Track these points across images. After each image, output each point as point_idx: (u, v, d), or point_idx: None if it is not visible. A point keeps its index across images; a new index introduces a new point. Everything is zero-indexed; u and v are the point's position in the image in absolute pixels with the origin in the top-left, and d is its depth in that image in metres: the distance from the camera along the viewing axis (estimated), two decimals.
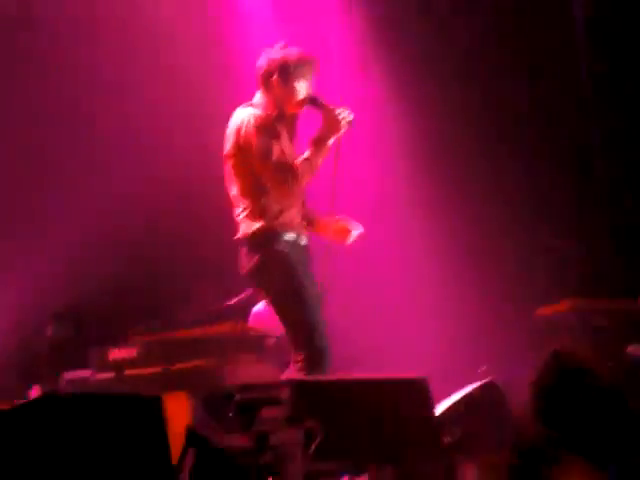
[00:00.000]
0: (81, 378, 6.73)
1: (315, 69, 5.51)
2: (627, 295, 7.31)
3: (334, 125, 5.36)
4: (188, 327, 6.89)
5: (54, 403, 3.68)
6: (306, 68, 5.47)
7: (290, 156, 5.43)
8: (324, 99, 5.46)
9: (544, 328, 7.08)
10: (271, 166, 5.33)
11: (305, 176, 5.37)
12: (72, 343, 7.20)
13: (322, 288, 5.45)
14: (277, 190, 5.36)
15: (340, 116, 5.36)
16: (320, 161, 5.41)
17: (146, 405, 3.87)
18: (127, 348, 6.60)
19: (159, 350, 6.52)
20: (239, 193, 5.43)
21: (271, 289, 5.46)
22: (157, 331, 6.79)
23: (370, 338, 8.09)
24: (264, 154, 5.34)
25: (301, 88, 5.45)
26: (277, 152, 5.35)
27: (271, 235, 5.37)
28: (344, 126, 5.37)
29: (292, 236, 5.42)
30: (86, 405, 3.76)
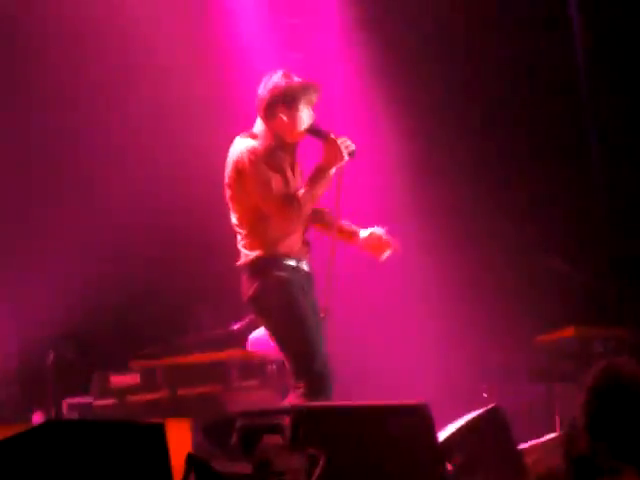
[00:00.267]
0: (83, 404, 6.72)
1: (318, 96, 5.49)
2: (627, 323, 7.34)
3: (336, 155, 5.33)
4: (190, 353, 6.89)
5: (57, 430, 3.67)
6: (310, 95, 5.43)
7: (292, 185, 5.41)
8: (326, 128, 5.43)
9: (546, 354, 7.09)
10: (272, 200, 5.29)
11: (306, 206, 5.34)
12: (74, 369, 7.19)
13: (325, 314, 5.44)
14: (279, 222, 5.34)
15: (342, 146, 5.34)
16: (322, 191, 5.38)
17: (148, 432, 3.86)
18: (129, 374, 6.60)
19: (161, 376, 6.51)
20: (238, 221, 5.43)
21: (270, 316, 5.43)
22: (159, 357, 6.78)
23: (371, 365, 8.09)
24: (264, 189, 5.30)
25: (305, 116, 5.42)
26: (277, 184, 5.32)
27: (270, 262, 5.35)
28: (346, 156, 5.35)
29: (292, 263, 5.41)
30: (89, 432, 3.75)
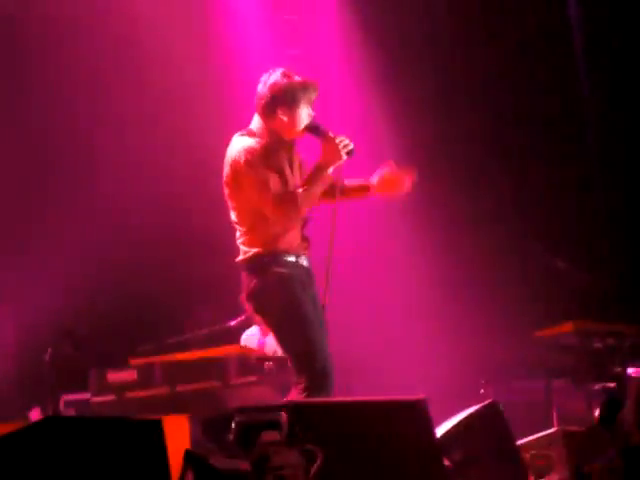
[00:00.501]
0: (81, 400, 6.72)
1: (317, 94, 5.45)
2: (626, 319, 7.35)
3: (334, 154, 5.30)
4: (188, 350, 6.89)
5: (55, 426, 3.67)
6: (309, 94, 5.39)
7: (290, 182, 5.39)
8: (324, 127, 5.39)
9: (545, 349, 7.09)
10: (269, 199, 5.26)
11: (305, 205, 5.31)
12: (72, 365, 7.19)
13: (325, 309, 5.43)
14: (276, 221, 5.33)
15: (340, 145, 5.31)
16: (320, 189, 5.35)
17: (146, 429, 3.86)
18: (127, 371, 6.60)
19: (159, 373, 6.51)
20: (237, 219, 5.42)
21: (270, 313, 5.42)
22: (157, 354, 6.78)
23: (369, 361, 8.10)
24: (260, 189, 5.27)
25: (304, 115, 5.38)
26: (274, 182, 5.30)
27: (269, 258, 5.34)
28: (344, 155, 5.33)
29: (292, 258, 5.40)
30: (86, 429, 3.75)
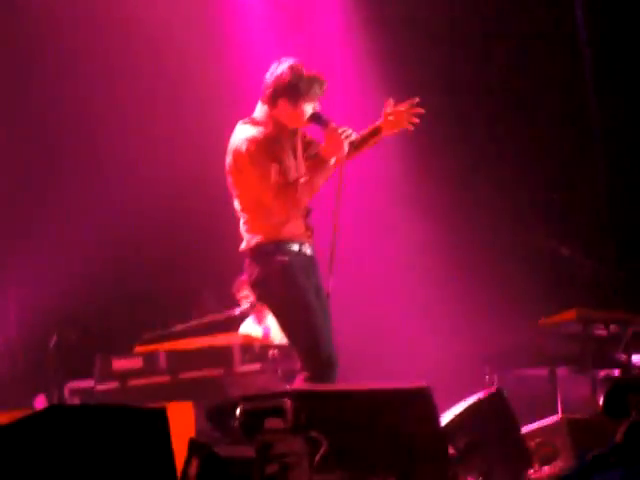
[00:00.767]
0: (85, 388, 6.73)
1: (323, 89, 5.40)
2: (630, 306, 7.35)
3: (336, 144, 5.27)
4: (192, 337, 6.90)
5: (59, 415, 3.68)
6: (315, 89, 5.35)
7: (293, 171, 5.38)
8: (327, 117, 5.37)
9: (548, 337, 7.09)
10: (269, 189, 5.25)
11: (305, 195, 5.30)
12: (77, 352, 7.20)
13: (329, 297, 5.43)
14: (277, 210, 5.31)
15: (343, 135, 5.29)
16: (322, 180, 5.33)
17: (150, 417, 3.86)
18: (131, 358, 6.61)
19: (163, 360, 6.52)
20: (240, 207, 5.42)
21: (273, 301, 5.42)
22: (161, 341, 6.79)
23: (374, 349, 8.11)
24: (261, 178, 5.26)
25: (308, 110, 5.36)
26: (276, 172, 5.28)
27: (272, 247, 5.34)
28: (346, 146, 5.28)
29: (295, 247, 5.39)
30: (91, 417, 3.76)
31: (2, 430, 3.63)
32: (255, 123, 5.40)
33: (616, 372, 6.99)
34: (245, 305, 7.56)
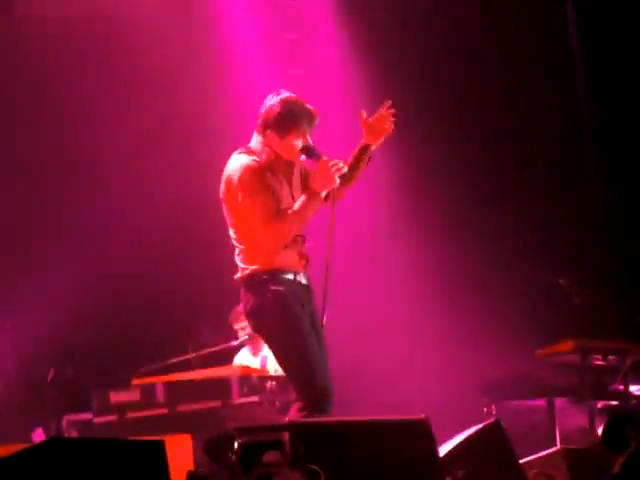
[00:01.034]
0: (83, 421, 6.72)
1: (314, 124, 5.41)
2: (627, 336, 7.35)
3: (327, 178, 5.26)
4: (190, 369, 6.89)
5: (58, 448, 3.67)
6: (304, 123, 5.35)
7: (287, 200, 5.38)
8: (318, 150, 5.34)
9: (546, 368, 7.09)
10: (259, 219, 5.24)
11: (293, 226, 5.29)
12: (74, 386, 7.19)
13: (324, 328, 5.42)
14: (267, 240, 5.31)
15: (334, 168, 5.28)
16: (311, 212, 5.32)
17: (149, 449, 3.86)
18: (129, 391, 6.60)
19: (161, 393, 6.51)
20: (235, 236, 5.43)
21: (268, 331, 5.40)
22: (159, 373, 6.78)
23: (371, 380, 8.09)
24: (251, 206, 5.23)
25: (296, 142, 5.36)
26: (267, 201, 5.26)
27: (266, 276, 5.33)
28: (337, 180, 5.27)
29: (290, 276, 5.39)
30: (89, 450, 3.75)
31: (1, 463, 3.62)
32: (250, 152, 5.42)
33: (614, 402, 6.98)
34: (243, 336, 7.55)
